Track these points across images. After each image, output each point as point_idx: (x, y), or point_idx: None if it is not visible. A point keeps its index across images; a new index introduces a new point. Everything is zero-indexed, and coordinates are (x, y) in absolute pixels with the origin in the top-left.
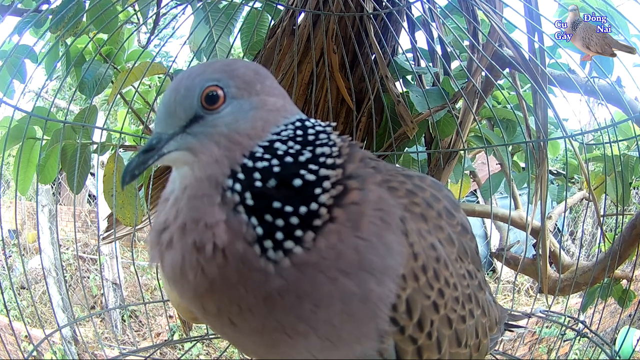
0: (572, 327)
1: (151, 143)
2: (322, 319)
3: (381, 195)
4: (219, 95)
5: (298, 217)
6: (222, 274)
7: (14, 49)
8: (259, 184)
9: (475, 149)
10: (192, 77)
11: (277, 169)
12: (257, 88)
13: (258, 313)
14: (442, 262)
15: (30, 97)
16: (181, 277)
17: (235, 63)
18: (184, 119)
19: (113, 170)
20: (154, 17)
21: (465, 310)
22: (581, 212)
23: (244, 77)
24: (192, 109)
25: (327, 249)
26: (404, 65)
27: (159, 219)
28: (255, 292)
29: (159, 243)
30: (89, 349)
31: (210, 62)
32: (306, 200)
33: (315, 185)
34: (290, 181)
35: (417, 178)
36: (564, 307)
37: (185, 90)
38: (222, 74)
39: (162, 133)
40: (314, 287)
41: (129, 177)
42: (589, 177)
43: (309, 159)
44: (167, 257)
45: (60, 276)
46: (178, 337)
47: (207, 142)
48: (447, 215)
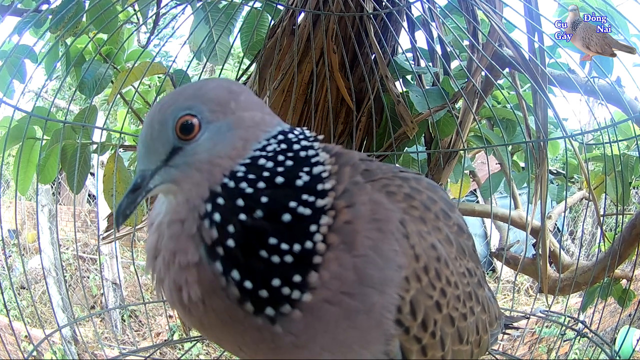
0: (572, 326)
1: (136, 182)
2: (330, 339)
3: (377, 201)
4: (194, 124)
5: (293, 256)
6: (208, 320)
7: (14, 49)
8: (244, 216)
9: (475, 148)
10: (164, 110)
11: (265, 197)
12: (231, 107)
13: (265, 355)
14: (442, 261)
15: (30, 97)
16: (174, 308)
17: (206, 85)
18: (164, 153)
19: (113, 170)
20: (154, 17)
21: (466, 308)
22: (581, 212)
23: (216, 99)
24: (170, 142)
25: (331, 279)
26: (403, 65)
27: (148, 244)
28: (258, 345)
29: (155, 270)
30: (89, 349)
31: (180, 89)
32: (300, 238)
33: (311, 222)
34: (280, 215)
35: (414, 180)
36: (564, 307)
37: (159, 125)
38: (193, 101)
39: (145, 170)
40: (321, 319)
41: (121, 218)
42: (588, 177)
43: (306, 184)
44: (165, 290)
45: (60, 276)
46: (178, 337)
47: (188, 171)
48: (444, 216)
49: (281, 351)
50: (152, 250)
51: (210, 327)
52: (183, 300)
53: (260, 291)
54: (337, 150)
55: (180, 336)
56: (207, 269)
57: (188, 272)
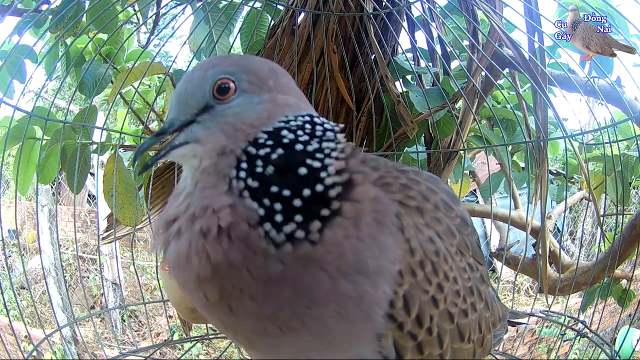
0: (572, 327)
1: (163, 127)
2: (316, 316)
3: (376, 194)
4: (230, 87)
5: (301, 199)
6: (226, 257)
7: (14, 49)
8: (260, 169)
9: (475, 148)
10: (205, 69)
11: (282, 156)
12: (269, 84)
13: (256, 297)
14: (441, 255)
15: (30, 97)
16: (186, 263)
17: (252, 58)
18: (196, 108)
19: (113, 170)
20: (154, 17)
21: (467, 304)
22: (581, 212)
23: (257, 73)
24: (204, 99)
25: (333, 243)
26: (403, 65)
27: (169, 212)
28: (256, 275)
29: (167, 232)
30: (89, 349)
31: (226, 56)
32: (311, 184)
33: (320, 170)
34: (296, 169)
35: (412, 172)
36: (564, 307)
37: (199, 80)
38: (236, 67)
39: (174, 119)
40: (313, 282)
41: (139, 155)
42: (588, 177)
43: (317, 149)
44: (173, 245)
45: (60, 276)
46: (178, 337)
47: (214, 130)
48: (445, 207)
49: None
50: (170, 216)
51: (223, 267)
52: (205, 242)
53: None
54: (354, 144)
55: (180, 336)
56: (240, 204)
57: (221, 213)
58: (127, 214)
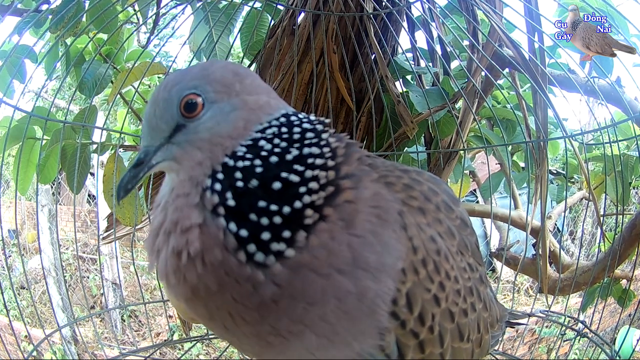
0: (572, 327)
1: (139, 157)
2: (316, 316)
3: (378, 191)
4: (197, 103)
5: (282, 217)
6: (203, 282)
7: (14, 49)
8: (241, 183)
9: (475, 148)
10: (169, 88)
11: (260, 169)
12: (236, 88)
13: (251, 321)
14: (442, 254)
15: (30, 97)
16: (167, 282)
17: (212, 66)
18: (167, 130)
19: (113, 170)
20: (154, 17)
21: (467, 304)
22: (581, 212)
23: (221, 80)
24: (174, 120)
25: (319, 247)
26: (403, 65)
27: (153, 224)
28: (245, 301)
29: (153, 248)
30: (89, 349)
31: (187, 69)
32: (289, 200)
33: (300, 185)
34: (271, 184)
35: (415, 172)
36: (563, 307)
37: (164, 102)
38: (198, 80)
39: (148, 146)
40: (306, 286)
41: (123, 192)
42: (588, 177)
43: (296, 158)
44: (159, 262)
45: (60, 276)
46: (178, 337)
47: (190, 149)
48: (446, 208)
49: (264, 307)
50: (154, 230)
51: (203, 291)
52: (179, 264)
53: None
54: (348, 140)
55: (180, 336)
56: (211, 225)
57: (190, 233)
58: (127, 214)
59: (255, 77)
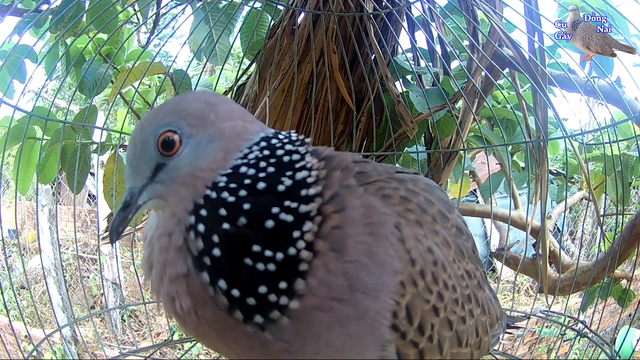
0: (572, 327)
1: (126, 200)
2: (323, 345)
3: (371, 205)
4: (174, 140)
5: (275, 264)
6: (203, 329)
7: (14, 49)
8: (227, 225)
9: (475, 149)
10: (144, 129)
11: (247, 205)
12: (211, 119)
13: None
14: (439, 265)
15: (30, 97)
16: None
17: (184, 100)
18: (148, 170)
19: (113, 170)
20: (154, 17)
21: (465, 311)
22: (581, 212)
23: (195, 113)
24: (153, 159)
25: (319, 286)
26: (403, 65)
27: (143, 257)
28: (253, 354)
29: (151, 282)
30: (89, 349)
31: (159, 106)
32: (282, 245)
33: (293, 228)
34: (262, 222)
35: (410, 182)
36: (564, 307)
37: (142, 143)
38: (171, 117)
39: (133, 187)
40: (312, 326)
41: (115, 235)
42: (588, 177)
43: (288, 190)
44: (161, 301)
45: (60, 276)
46: (178, 337)
47: (173, 186)
48: (442, 218)
49: (274, 356)
50: (146, 263)
51: (205, 336)
52: (177, 310)
53: (247, 299)
54: (327, 153)
55: (180, 336)
56: (196, 279)
57: (178, 284)
58: None
59: (230, 103)
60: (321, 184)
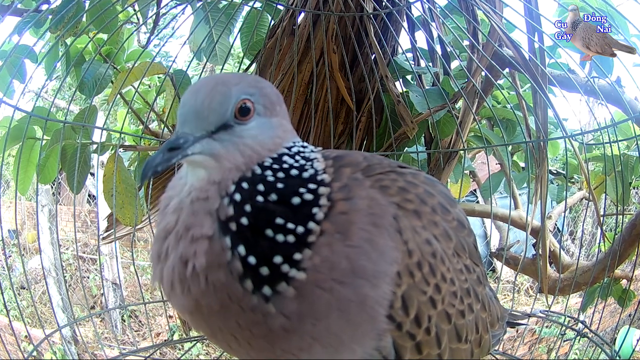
0: (572, 327)
1: (177, 142)
2: (322, 329)
3: (372, 197)
4: (250, 109)
5: (295, 236)
6: (205, 299)
7: (14, 49)
8: (261, 198)
9: (475, 148)
10: (229, 86)
11: (281, 184)
12: (277, 110)
13: (257, 346)
14: (438, 257)
15: (30, 97)
16: (172, 291)
17: (263, 82)
18: (214, 125)
19: (113, 170)
20: (154, 17)
21: (464, 305)
22: (581, 212)
23: (270, 97)
24: (225, 117)
25: (322, 263)
26: (403, 65)
27: (161, 226)
28: (252, 329)
29: (160, 255)
30: (89, 349)
31: (241, 74)
32: (304, 220)
33: (313, 205)
34: (289, 199)
35: (410, 175)
36: (564, 307)
37: (222, 97)
38: (255, 89)
39: (189, 134)
40: (313, 304)
41: (151, 172)
42: (588, 177)
43: (311, 176)
44: (165, 269)
45: (60, 276)
46: (178, 337)
47: (232, 150)
48: (442, 210)
49: (273, 335)
50: (163, 231)
51: (206, 309)
52: (185, 274)
53: (261, 268)
54: (336, 154)
55: (180, 336)
56: (217, 242)
57: (199, 244)
58: (127, 214)
59: (284, 105)
60: (331, 177)
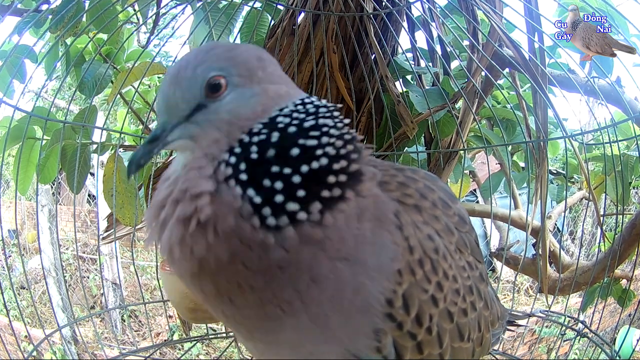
0: (572, 326)
1: (156, 133)
2: (315, 296)
3: (376, 193)
4: (222, 84)
5: (300, 176)
6: (213, 252)
7: (14, 49)
8: (255, 155)
9: (475, 148)
10: (195, 68)
11: (276, 138)
12: (258, 75)
13: (257, 287)
14: (440, 253)
15: (30, 97)
16: (171, 256)
17: (237, 48)
18: (187, 109)
19: (113, 170)
20: (154, 17)
21: (467, 303)
22: (581, 212)
23: (246, 64)
24: (195, 99)
25: (333, 228)
26: (403, 65)
27: (157, 197)
28: (253, 266)
29: (157, 221)
30: (89, 349)
31: (210, 46)
32: (307, 161)
33: (317, 148)
34: (288, 151)
35: (409, 171)
36: (563, 307)
37: (187, 82)
38: (224, 62)
39: (165, 123)
40: (312, 262)
41: (134, 166)
42: (588, 177)
43: (312, 126)
44: (163, 234)
45: (60, 276)
46: (178, 337)
47: (209, 128)
48: (443, 205)
49: (270, 274)
50: (158, 202)
51: (212, 263)
52: (187, 233)
53: (276, 196)
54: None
55: (180, 336)
56: (224, 192)
57: (200, 199)
58: (127, 214)
59: (277, 66)
60: (358, 149)
